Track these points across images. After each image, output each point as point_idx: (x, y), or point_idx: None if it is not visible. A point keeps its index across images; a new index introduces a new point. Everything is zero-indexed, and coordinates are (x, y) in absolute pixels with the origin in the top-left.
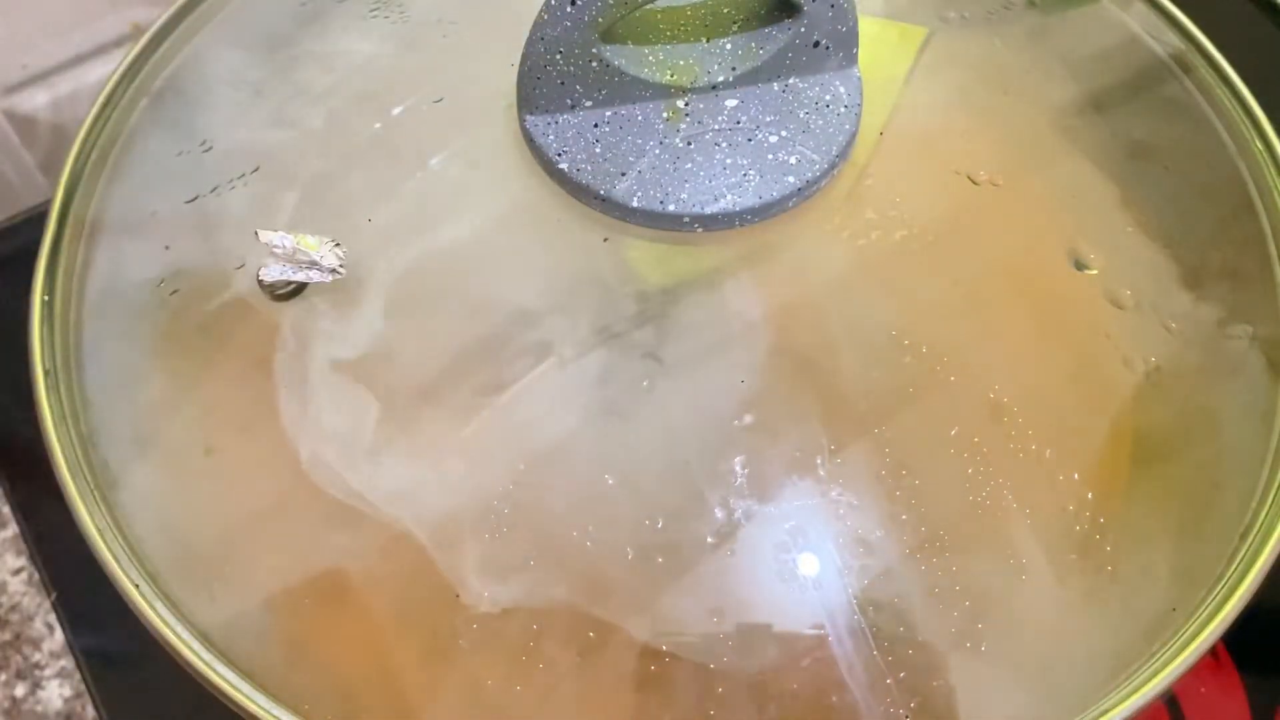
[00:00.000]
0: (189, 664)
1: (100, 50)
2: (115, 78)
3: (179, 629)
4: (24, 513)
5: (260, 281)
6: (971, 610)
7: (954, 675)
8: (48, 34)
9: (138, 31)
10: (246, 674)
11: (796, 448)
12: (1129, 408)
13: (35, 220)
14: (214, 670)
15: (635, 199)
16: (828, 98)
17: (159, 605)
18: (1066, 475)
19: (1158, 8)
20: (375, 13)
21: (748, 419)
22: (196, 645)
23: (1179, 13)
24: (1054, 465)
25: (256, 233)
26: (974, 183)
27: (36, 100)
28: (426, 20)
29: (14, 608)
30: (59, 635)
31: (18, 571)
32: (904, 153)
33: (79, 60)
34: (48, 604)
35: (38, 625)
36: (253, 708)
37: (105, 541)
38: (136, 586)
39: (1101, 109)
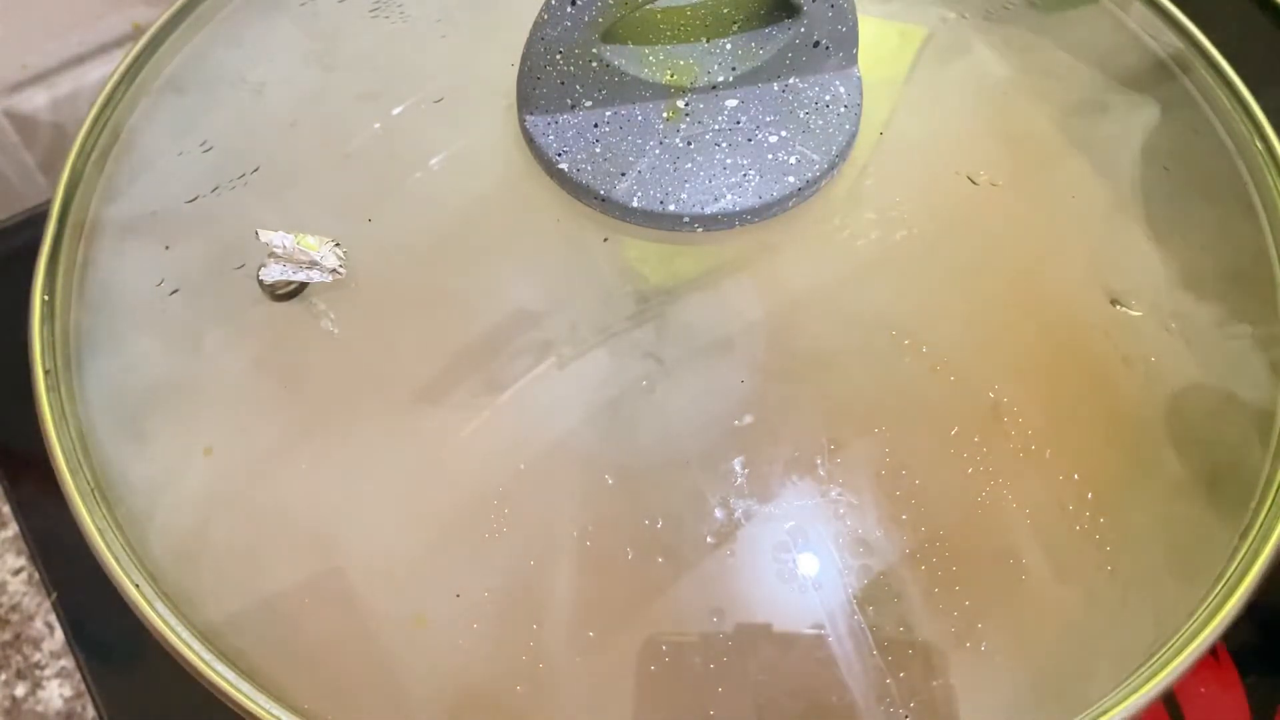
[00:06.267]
0: (189, 664)
1: (100, 50)
2: (115, 78)
3: (179, 629)
4: (24, 513)
5: (260, 281)
6: (971, 610)
7: (954, 675)
8: (48, 34)
9: (138, 31)
10: (246, 674)
11: (796, 448)
12: (1129, 407)
13: (35, 220)
14: (214, 670)
15: (635, 199)
16: (828, 98)
17: (159, 605)
18: (1066, 475)
19: (1157, 8)
20: (375, 13)
21: (748, 419)
22: (196, 645)
23: (1179, 13)
24: (1054, 465)
25: (257, 233)
26: (974, 183)
27: (36, 100)
28: (426, 20)
29: (14, 608)
30: (59, 635)
31: (18, 571)
32: (904, 153)
33: (79, 60)
34: (48, 604)
35: (38, 625)
36: (253, 708)
37: (105, 541)
38: (137, 586)
39: (1101, 109)
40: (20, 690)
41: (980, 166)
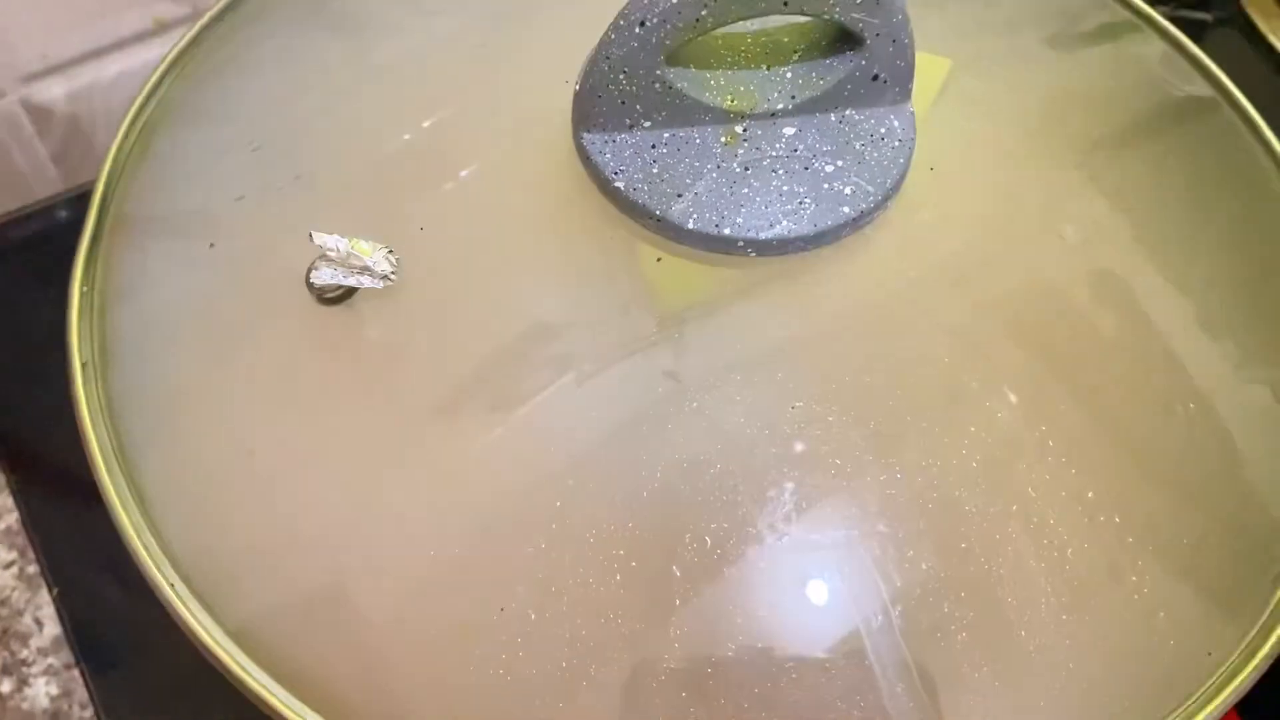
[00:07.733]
0: (222, 664)
1: (120, 44)
2: (163, 67)
3: (213, 629)
4: (26, 513)
5: (310, 284)
6: (984, 646)
7: (984, 697)
8: (72, 24)
9: (160, 27)
10: (281, 677)
11: (832, 470)
12: (1168, 445)
13: (47, 211)
14: (246, 672)
15: (691, 221)
16: (882, 130)
17: (193, 604)
18: (1108, 516)
19: (1180, 49)
20: (432, 22)
21: (785, 442)
22: (230, 645)
23: (1202, 54)
24: (1095, 503)
25: (311, 234)
26: (1013, 220)
27: (53, 91)
28: (481, 33)
29: (2, 602)
30: (48, 631)
31: (8, 565)
32: (950, 188)
33: (98, 53)
34: (36, 600)
35: (26, 621)
36: (285, 710)
37: (141, 539)
38: (171, 585)
39: (1126, 146)
40: (6, 686)
41: (1015, 204)
